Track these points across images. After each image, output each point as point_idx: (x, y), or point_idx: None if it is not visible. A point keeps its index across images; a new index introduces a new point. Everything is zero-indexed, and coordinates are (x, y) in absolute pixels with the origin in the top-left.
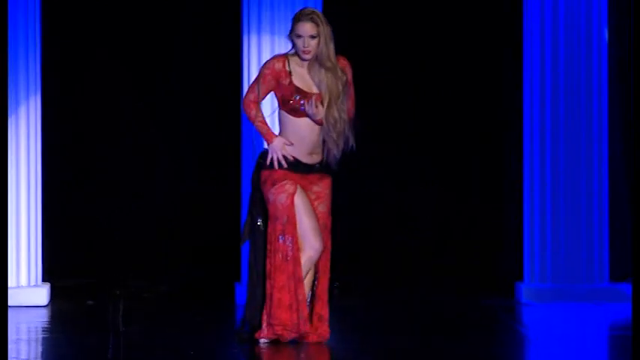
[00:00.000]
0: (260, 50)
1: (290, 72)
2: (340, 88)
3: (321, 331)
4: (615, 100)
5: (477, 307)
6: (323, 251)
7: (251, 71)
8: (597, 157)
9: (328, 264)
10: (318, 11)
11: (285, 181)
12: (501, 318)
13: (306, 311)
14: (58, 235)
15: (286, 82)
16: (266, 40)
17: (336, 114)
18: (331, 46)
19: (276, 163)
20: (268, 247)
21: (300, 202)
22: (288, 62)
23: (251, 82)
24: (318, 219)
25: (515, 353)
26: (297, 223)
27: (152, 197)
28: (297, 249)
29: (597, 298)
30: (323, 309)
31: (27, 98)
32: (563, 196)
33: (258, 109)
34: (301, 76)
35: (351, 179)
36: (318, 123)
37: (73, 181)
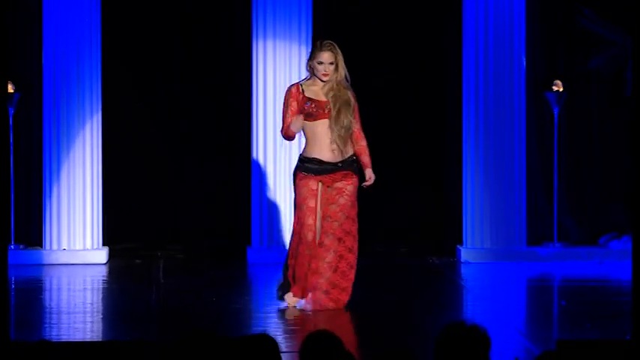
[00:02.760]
0: (266, 49)
1: (303, 90)
2: (348, 99)
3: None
4: (531, 105)
5: (427, 265)
6: (341, 239)
7: (259, 67)
8: (517, 150)
9: (353, 246)
10: (334, 42)
11: (306, 179)
12: (445, 273)
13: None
14: (115, 210)
15: (300, 97)
16: (271, 34)
17: (343, 119)
18: (344, 70)
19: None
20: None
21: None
22: (302, 86)
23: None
24: (334, 211)
25: (456, 299)
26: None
27: (184, 181)
28: (307, 230)
29: (518, 259)
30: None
31: (91, 100)
32: (493, 183)
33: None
34: (314, 92)
35: None
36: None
37: (124, 169)
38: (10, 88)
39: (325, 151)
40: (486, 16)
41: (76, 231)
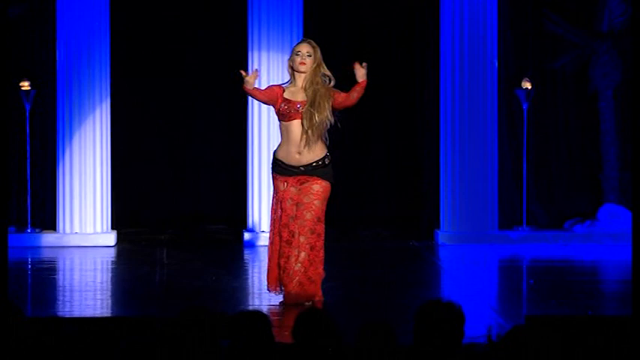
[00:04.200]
0: (260, 56)
1: (283, 91)
2: (320, 98)
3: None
4: (502, 102)
5: (407, 247)
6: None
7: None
8: (490, 143)
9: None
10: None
11: (275, 180)
12: (424, 255)
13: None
14: (123, 197)
15: (279, 98)
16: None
17: (316, 115)
18: (322, 66)
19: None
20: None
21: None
22: (284, 87)
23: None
24: (299, 211)
25: (433, 277)
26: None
27: (187, 170)
28: (276, 224)
29: (490, 241)
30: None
31: (100, 96)
32: (467, 173)
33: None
34: (292, 92)
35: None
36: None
37: (131, 160)
38: (27, 86)
39: (292, 154)
40: (462, 20)
41: (87, 216)
